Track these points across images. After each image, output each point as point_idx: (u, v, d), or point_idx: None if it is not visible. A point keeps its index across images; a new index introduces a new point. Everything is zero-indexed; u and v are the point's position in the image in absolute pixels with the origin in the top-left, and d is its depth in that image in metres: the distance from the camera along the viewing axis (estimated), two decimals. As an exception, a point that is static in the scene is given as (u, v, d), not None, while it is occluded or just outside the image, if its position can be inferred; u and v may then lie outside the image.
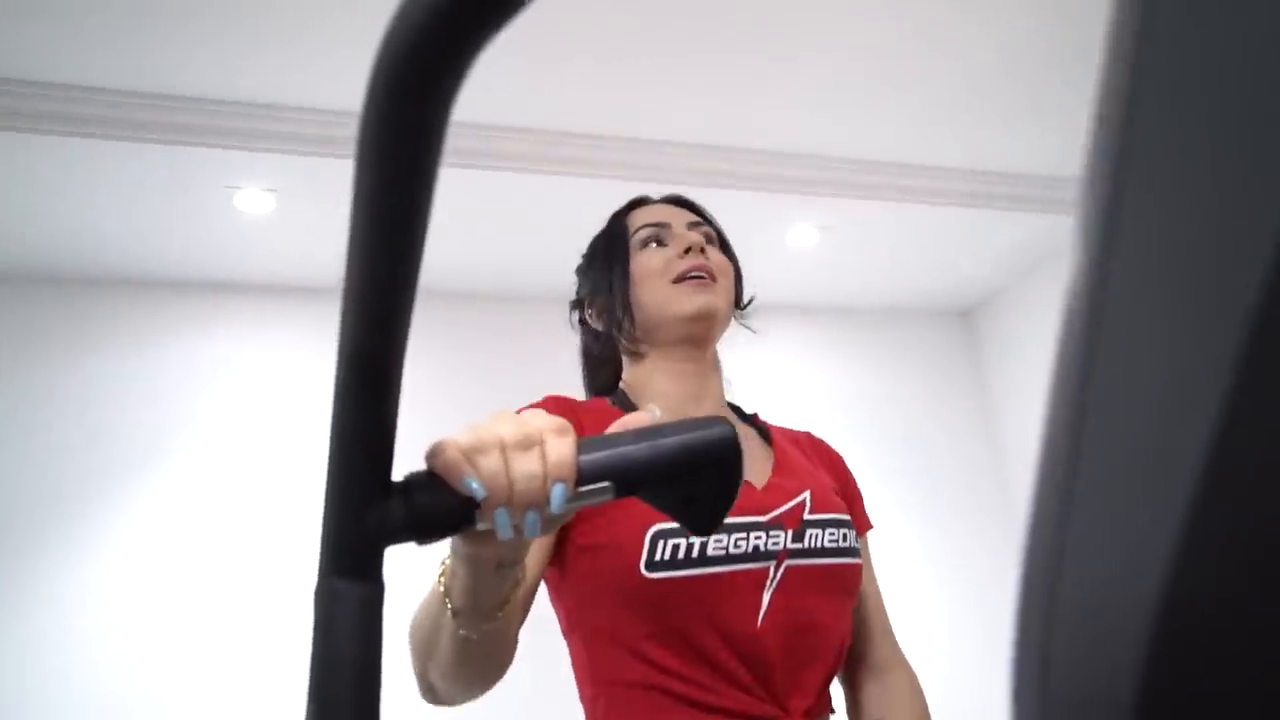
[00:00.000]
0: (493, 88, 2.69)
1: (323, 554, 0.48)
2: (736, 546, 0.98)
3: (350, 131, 2.79)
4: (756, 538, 0.99)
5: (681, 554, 0.95)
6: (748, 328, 1.31)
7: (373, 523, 0.49)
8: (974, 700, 3.51)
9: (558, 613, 1.08)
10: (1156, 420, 0.18)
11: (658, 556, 0.95)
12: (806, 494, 1.07)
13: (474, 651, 0.78)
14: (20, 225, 3.04)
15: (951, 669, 3.55)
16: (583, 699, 1.04)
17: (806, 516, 1.05)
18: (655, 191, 3.25)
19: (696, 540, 0.96)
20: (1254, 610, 0.17)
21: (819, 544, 1.03)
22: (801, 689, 0.99)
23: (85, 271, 3.35)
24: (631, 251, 1.19)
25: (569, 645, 1.07)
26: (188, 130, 2.68)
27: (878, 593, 1.19)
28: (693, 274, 1.14)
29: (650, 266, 1.16)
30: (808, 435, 1.28)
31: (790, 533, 1.02)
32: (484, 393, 3.49)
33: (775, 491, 1.06)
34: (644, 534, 0.96)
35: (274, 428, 3.40)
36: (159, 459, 3.26)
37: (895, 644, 1.17)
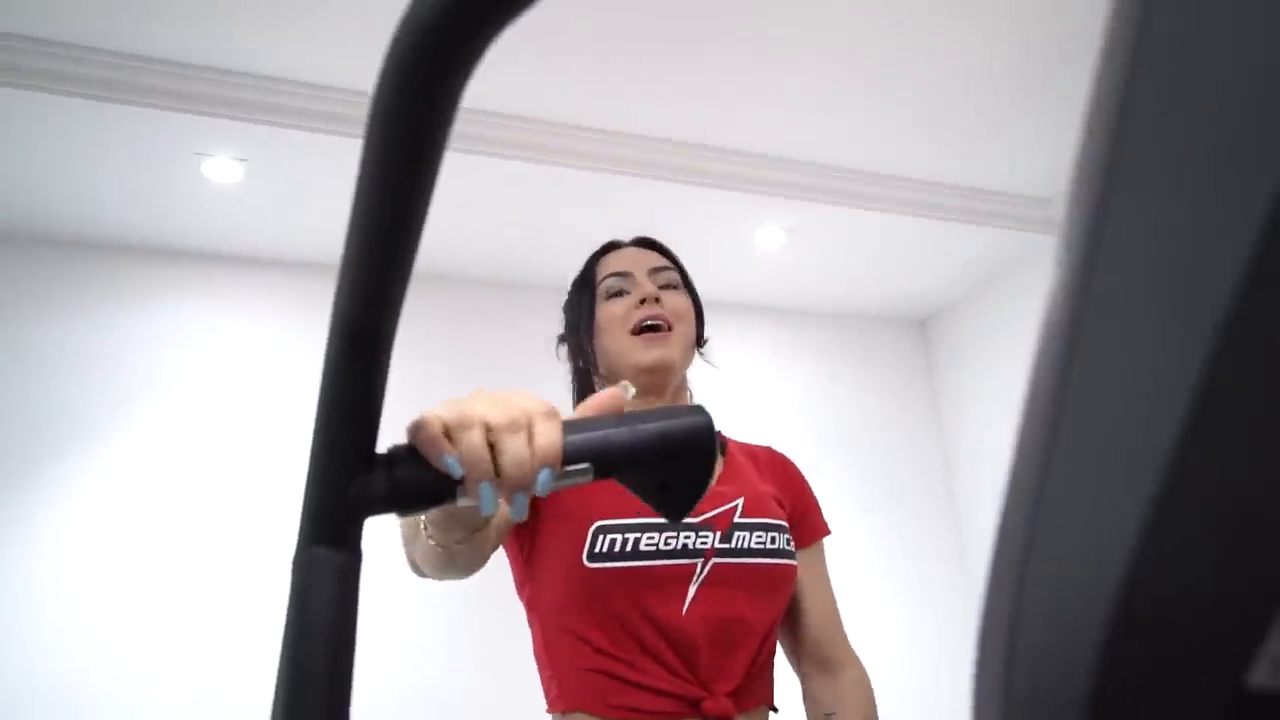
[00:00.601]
0: (485, 75, 2.69)
1: (303, 522, 0.49)
2: (667, 544, 1.09)
3: (323, 106, 2.77)
4: (686, 537, 1.11)
5: (618, 548, 1.07)
6: (709, 363, 1.42)
7: (354, 493, 0.49)
8: (929, 698, 3.59)
9: (522, 601, 1.18)
10: (1128, 422, 0.19)
11: (598, 549, 1.07)
12: (740, 500, 1.18)
13: (446, 558, 0.87)
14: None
15: (905, 667, 3.62)
16: (541, 679, 1.15)
17: (737, 520, 1.16)
18: (633, 185, 3.25)
19: (632, 536, 1.08)
20: (1205, 615, 0.17)
21: (745, 545, 1.14)
22: (726, 674, 1.09)
23: (46, 232, 3.27)
24: (598, 300, 1.29)
25: (531, 631, 1.18)
26: (157, 93, 2.63)
27: (828, 593, 1.28)
28: (648, 324, 1.23)
29: (611, 317, 1.26)
30: (767, 450, 1.37)
31: (718, 533, 1.13)
32: (471, 374, 3.50)
33: (711, 497, 1.17)
34: (588, 528, 1.08)
35: (236, 397, 3.36)
36: (119, 423, 3.21)
37: (845, 641, 1.26)
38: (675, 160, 3.15)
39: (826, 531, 1.31)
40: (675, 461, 0.58)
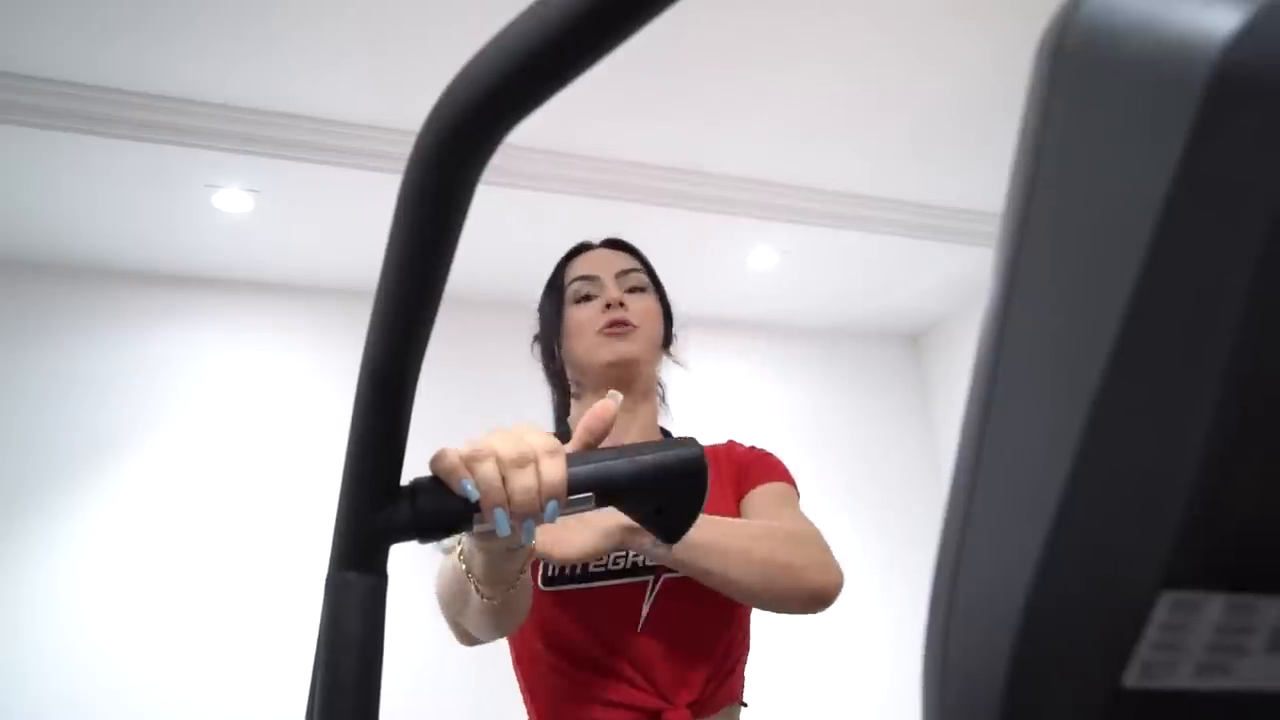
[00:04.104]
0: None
1: (335, 548, 0.54)
2: (615, 563, 1.10)
3: (332, 139, 2.82)
4: (635, 555, 1.09)
5: (568, 570, 1.09)
6: (678, 363, 1.39)
7: (380, 523, 0.54)
8: (916, 710, 3.62)
9: None
10: (1028, 467, 0.22)
11: (550, 572, 1.10)
12: None
13: (499, 611, 0.89)
14: (0, 213, 3.03)
15: (895, 682, 3.65)
16: (520, 691, 1.18)
17: None
18: (628, 209, 3.28)
19: None
20: (1088, 630, 0.21)
21: None
22: (687, 684, 1.10)
23: (61, 260, 3.33)
24: (565, 304, 1.30)
25: (510, 648, 1.20)
26: (170, 129, 2.69)
27: (784, 509, 1.17)
28: (612, 328, 1.23)
29: (579, 321, 1.27)
30: (726, 446, 1.32)
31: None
32: (472, 392, 3.53)
33: None
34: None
35: (247, 419, 3.40)
36: (132, 449, 3.24)
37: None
38: (670, 186, 3.21)
39: (785, 479, 1.22)
40: (670, 489, 0.64)
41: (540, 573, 1.09)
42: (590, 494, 0.63)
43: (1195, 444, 0.20)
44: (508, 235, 3.36)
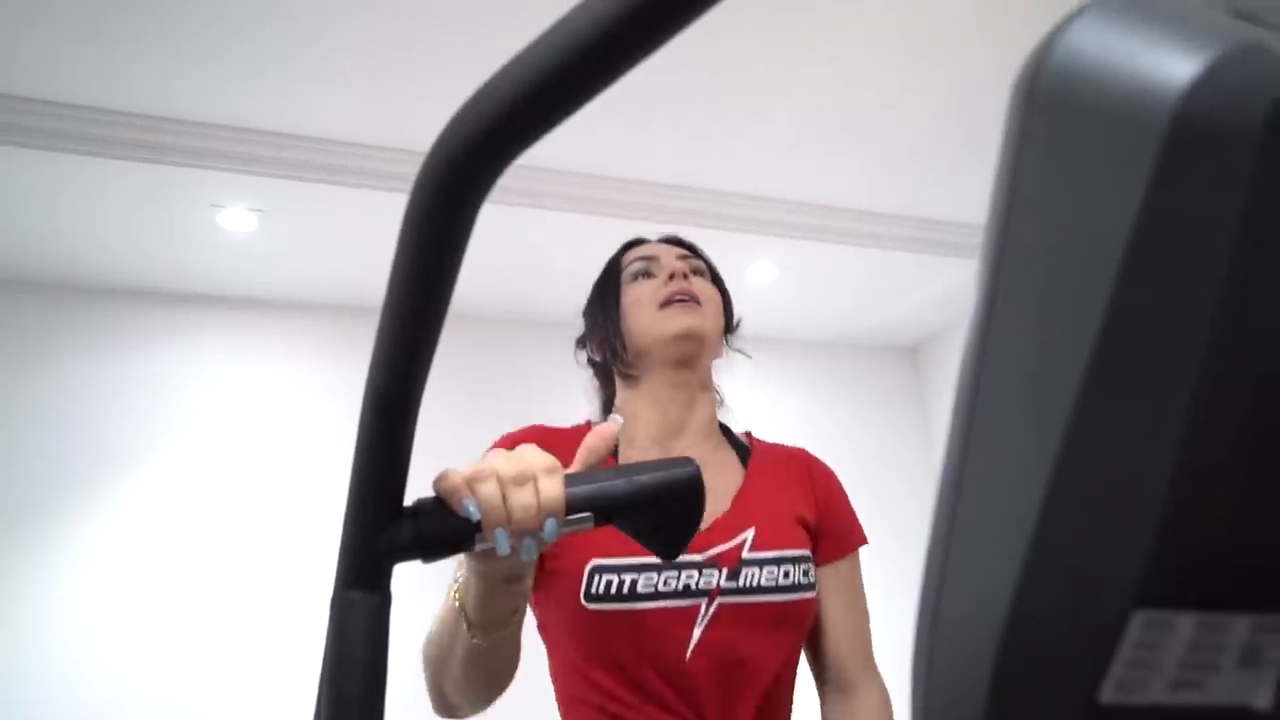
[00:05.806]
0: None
1: (339, 567, 0.54)
2: (666, 584, 1.02)
3: (334, 159, 2.82)
4: (688, 576, 1.03)
5: (614, 589, 1.01)
6: (741, 353, 1.34)
7: (384, 542, 0.55)
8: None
9: (537, 621, 1.13)
10: (1008, 485, 0.23)
11: (594, 589, 1.01)
12: (750, 532, 1.09)
13: (486, 658, 0.85)
14: (8, 234, 3.06)
15: (893, 694, 3.64)
16: (558, 705, 1.11)
17: (745, 555, 1.07)
18: (628, 227, 3.29)
19: (629, 576, 1.01)
20: (1065, 648, 0.21)
21: (754, 582, 1.05)
22: (732, 717, 1.02)
23: (68, 279, 3.36)
24: (623, 285, 1.23)
25: (547, 655, 1.13)
26: (175, 150, 2.72)
27: (855, 610, 1.20)
28: (677, 298, 1.17)
29: (639, 295, 1.20)
30: (800, 453, 1.30)
31: (725, 571, 1.05)
32: (478, 406, 3.54)
33: (718, 530, 1.08)
34: (584, 566, 1.02)
35: (248, 439, 3.41)
36: (134, 467, 3.25)
37: (866, 662, 1.19)
38: (668, 202, 3.23)
39: (861, 542, 1.23)
40: (667, 508, 0.65)
41: (584, 589, 1.01)
42: (589, 514, 0.64)
43: (1165, 466, 0.21)
44: (506, 252, 3.37)
